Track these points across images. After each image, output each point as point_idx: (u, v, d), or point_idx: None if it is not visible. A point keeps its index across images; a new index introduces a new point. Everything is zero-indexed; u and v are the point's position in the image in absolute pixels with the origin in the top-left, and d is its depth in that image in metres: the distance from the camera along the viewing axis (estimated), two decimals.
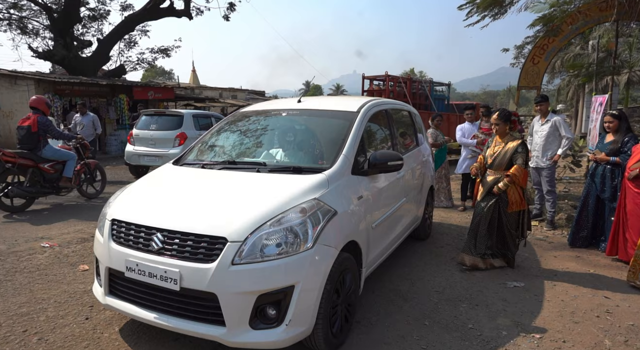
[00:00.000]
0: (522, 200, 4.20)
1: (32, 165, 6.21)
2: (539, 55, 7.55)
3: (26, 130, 6.08)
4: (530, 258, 4.74)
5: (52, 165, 6.39)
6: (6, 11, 18.81)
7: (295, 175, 2.89)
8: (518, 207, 4.18)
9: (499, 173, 4.22)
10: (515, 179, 4.06)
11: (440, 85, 15.46)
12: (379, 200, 3.47)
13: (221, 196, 2.72)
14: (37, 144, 6.21)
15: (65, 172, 6.51)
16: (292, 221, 2.45)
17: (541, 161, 5.82)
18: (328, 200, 2.69)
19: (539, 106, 5.91)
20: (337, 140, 3.24)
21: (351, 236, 2.86)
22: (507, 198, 4.15)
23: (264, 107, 4.02)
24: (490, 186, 4.25)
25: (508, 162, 4.15)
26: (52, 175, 6.41)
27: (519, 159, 4.09)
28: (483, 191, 4.37)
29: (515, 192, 4.15)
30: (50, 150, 6.39)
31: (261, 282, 2.32)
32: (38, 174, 6.30)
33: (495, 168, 4.25)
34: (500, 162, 4.19)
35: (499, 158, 4.20)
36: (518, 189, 4.16)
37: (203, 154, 3.54)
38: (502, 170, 4.18)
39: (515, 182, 4.09)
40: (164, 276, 2.40)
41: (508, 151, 4.15)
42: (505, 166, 4.16)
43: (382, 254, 3.62)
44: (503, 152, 4.19)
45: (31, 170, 6.21)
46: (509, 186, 4.10)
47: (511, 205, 4.15)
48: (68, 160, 6.56)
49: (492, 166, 4.27)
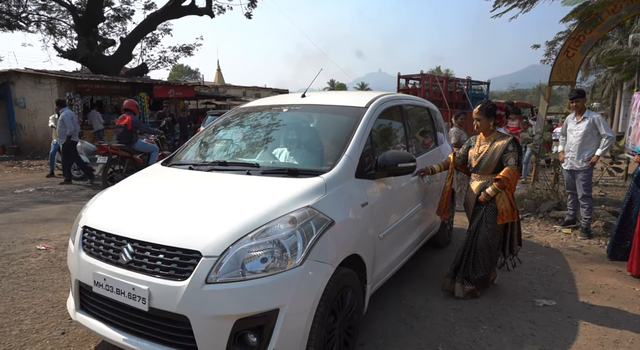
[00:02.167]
0: (514, 209, 3.50)
1: (129, 156, 7.73)
2: (575, 47, 6.90)
3: (123, 128, 7.56)
4: (562, 271, 4.23)
5: (141, 156, 7.87)
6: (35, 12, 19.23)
7: (289, 179, 2.54)
8: (509, 218, 3.47)
9: (486, 177, 3.56)
10: (507, 183, 3.38)
11: (479, 84, 14.99)
12: (388, 206, 3.08)
13: (202, 202, 2.39)
14: (131, 139, 7.68)
15: (150, 161, 7.76)
16: (278, 233, 2.10)
17: (577, 163, 5.27)
18: (324, 208, 2.32)
19: (574, 102, 5.35)
20: (340, 139, 2.87)
21: (352, 249, 2.49)
22: (496, 207, 3.46)
23: (265, 102, 3.69)
24: (477, 194, 3.57)
25: (497, 163, 3.49)
26: (142, 165, 7.53)
27: (510, 160, 3.41)
28: (469, 201, 3.70)
29: (506, 199, 3.44)
30: (140, 144, 7.88)
31: (239, 305, 1.98)
32: (132, 163, 7.73)
33: (482, 172, 3.56)
34: (488, 164, 3.51)
35: (486, 159, 3.52)
36: (509, 195, 3.47)
37: (195, 154, 3.24)
38: (490, 173, 3.52)
39: (507, 187, 3.43)
40: (132, 294, 2.10)
41: (497, 151, 3.48)
42: (494, 169, 3.51)
43: (392, 266, 3.23)
44: (490, 152, 3.51)
45: (128, 160, 7.73)
46: (499, 192, 3.42)
47: (501, 215, 3.43)
48: (152, 152, 7.95)
49: (478, 169, 3.59)
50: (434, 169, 3.80)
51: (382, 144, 3.35)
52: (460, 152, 3.85)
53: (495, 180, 3.44)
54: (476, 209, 3.61)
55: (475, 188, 3.62)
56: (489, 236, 3.51)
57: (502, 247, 3.68)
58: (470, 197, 3.69)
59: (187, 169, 2.90)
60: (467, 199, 3.76)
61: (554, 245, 5.07)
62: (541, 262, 4.50)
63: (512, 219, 3.52)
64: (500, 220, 3.46)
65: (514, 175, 3.41)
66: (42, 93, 14.22)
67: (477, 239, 3.56)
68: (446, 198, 3.89)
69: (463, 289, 3.58)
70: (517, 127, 6.62)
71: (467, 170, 3.81)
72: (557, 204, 6.36)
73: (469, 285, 3.57)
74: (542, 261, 4.53)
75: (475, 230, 3.58)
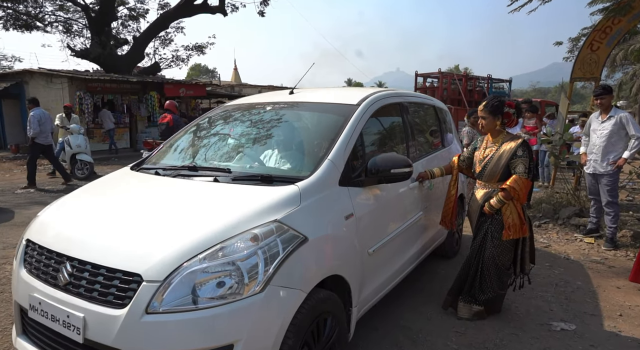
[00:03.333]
0: (523, 223, 3.02)
1: None
2: (600, 40, 6.33)
3: (165, 126, 7.71)
4: (584, 288, 3.78)
5: None
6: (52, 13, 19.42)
7: (260, 187, 2.20)
8: (517, 234, 3.01)
9: (491, 185, 3.13)
10: (515, 193, 2.93)
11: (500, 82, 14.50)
12: (381, 217, 2.72)
13: (155, 215, 2.07)
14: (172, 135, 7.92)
15: None
16: (236, 253, 1.77)
17: (600, 166, 4.79)
18: (296, 222, 1.98)
19: (599, 99, 4.86)
20: (324, 142, 2.52)
21: (333, 269, 2.15)
22: (502, 220, 3.01)
23: (250, 100, 3.37)
24: (481, 204, 3.13)
25: (504, 170, 3.05)
26: None
27: (519, 166, 2.97)
28: (473, 211, 3.27)
29: (514, 211, 2.99)
30: None
31: (184, 340, 1.65)
32: None
33: (487, 179, 3.13)
34: (493, 171, 3.07)
35: (492, 165, 3.09)
36: (518, 207, 3.00)
37: (167, 156, 2.93)
38: (496, 181, 3.09)
39: (515, 198, 2.98)
40: (66, 322, 1.80)
41: (504, 155, 3.04)
42: (500, 176, 3.08)
43: (386, 284, 2.86)
44: (497, 156, 3.07)
45: None
46: (505, 204, 2.98)
47: (507, 230, 2.98)
48: None
49: (483, 176, 3.16)
50: (433, 173, 3.40)
51: (377, 147, 2.99)
52: (465, 154, 3.44)
53: (501, 189, 3.01)
54: (481, 221, 3.19)
55: (480, 197, 3.20)
56: (496, 254, 3.09)
57: (513, 264, 3.26)
58: (474, 207, 3.27)
59: (153, 174, 2.59)
60: (471, 208, 3.36)
61: (574, 257, 4.61)
62: (559, 276, 4.06)
63: (521, 234, 3.06)
64: (506, 235, 3.02)
65: (523, 184, 2.97)
66: (54, 92, 14.28)
67: (483, 256, 3.15)
68: (452, 207, 3.49)
69: (469, 309, 3.19)
70: (534, 126, 6.14)
71: (472, 175, 3.42)
72: (579, 210, 5.86)
73: (476, 306, 3.18)
74: (561, 275, 4.08)
75: (479, 246, 3.17)
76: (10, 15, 17.81)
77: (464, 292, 3.24)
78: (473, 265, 3.20)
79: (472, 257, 3.20)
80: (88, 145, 9.51)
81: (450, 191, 3.49)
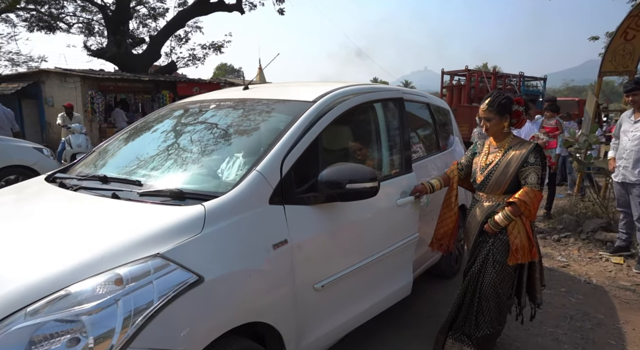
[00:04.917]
0: (533, 245, 2.48)
1: None
2: (637, 27, 5.47)
3: None
4: (607, 324, 3.12)
5: None
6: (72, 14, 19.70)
7: (163, 207, 1.72)
8: (526, 258, 2.46)
9: (495, 198, 2.57)
10: (525, 208, 2.38)
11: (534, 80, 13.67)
12: (338, 243, 2.17)
13: (17, 242, 1.62)
14: None
15: None
16: (84, 304, 1.29)
17: (632, 174, 4.08)
18: (189, 256, 1.49)
19: (631, 96, 4.15)
20: (259, 147, 2.01)
21: (249, 316, 1.65)
22: (508, 241, 2.46)
23: (199, 97, 2.90)
24: (482, 221, 2.57)
25: (511, 180, 2.49)
26: None
27: (530, 176, 2.42)
28: (470, 229, 2.69)
29: (522, 230, 2.45)
30: None
31: None
32: None
33: (490, 190, 2.57)
34: (500, 181, 2.51)
35: (498, 173, 2.52)
36: (527, 225, 2.46)
37: (85, 164, 2.49)
38: (501, 193, 2.53)
39: (524, 214, 2.43)
40: None
41: (512, 162, 2.48)
42: (507, 187, 2.51)
43: (350, 324, 2.31)
44: (504, 163, 2.51)
45: None
46: (513, 221, 2.43)
47: (514, 253, 2.43)
48: None
49: (485, 187, 2.58)
50: (433, 186, 2.78)
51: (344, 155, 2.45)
52: (463, 161, 2.84)
53: (508, 203, 2.43)
54: (480, 241, 2.61)
55: (480, 213, 2.62)
56: (498, 281, 2.51)
57: (515, 292, 2.66)
58: (473, 224, 2.67)
59: (58, 185, 2.15)
60: (469, 225, 2.76)
61: (597, 281, 3.92)
62: (577, 306, 3.40)
63: (530, 258, 2.48)
64: (513, 259, 2.44)
65: (535, 197, 2.38)
66: (67, 92, 14.35)
67: (482, 284, 2.56)
68: (452, 228, 2.85)
69: (458, 349, 2.62)
70: (555, 128, 5.44)
71: (471, 186, 2.82)
72: (606, 223, 5.11)
73: (468, 346, 2.60)
74: (579, 305, 3.42)
75: (478, 273, 2.58)
76: (34, 17, 18.15)
77: (455, 327, 2.67)
78: (469, 294, 2.63)
79: (468, 287, 2.63)
80: (89, 145, 9.34)
81: (449, 206, 2.84)
